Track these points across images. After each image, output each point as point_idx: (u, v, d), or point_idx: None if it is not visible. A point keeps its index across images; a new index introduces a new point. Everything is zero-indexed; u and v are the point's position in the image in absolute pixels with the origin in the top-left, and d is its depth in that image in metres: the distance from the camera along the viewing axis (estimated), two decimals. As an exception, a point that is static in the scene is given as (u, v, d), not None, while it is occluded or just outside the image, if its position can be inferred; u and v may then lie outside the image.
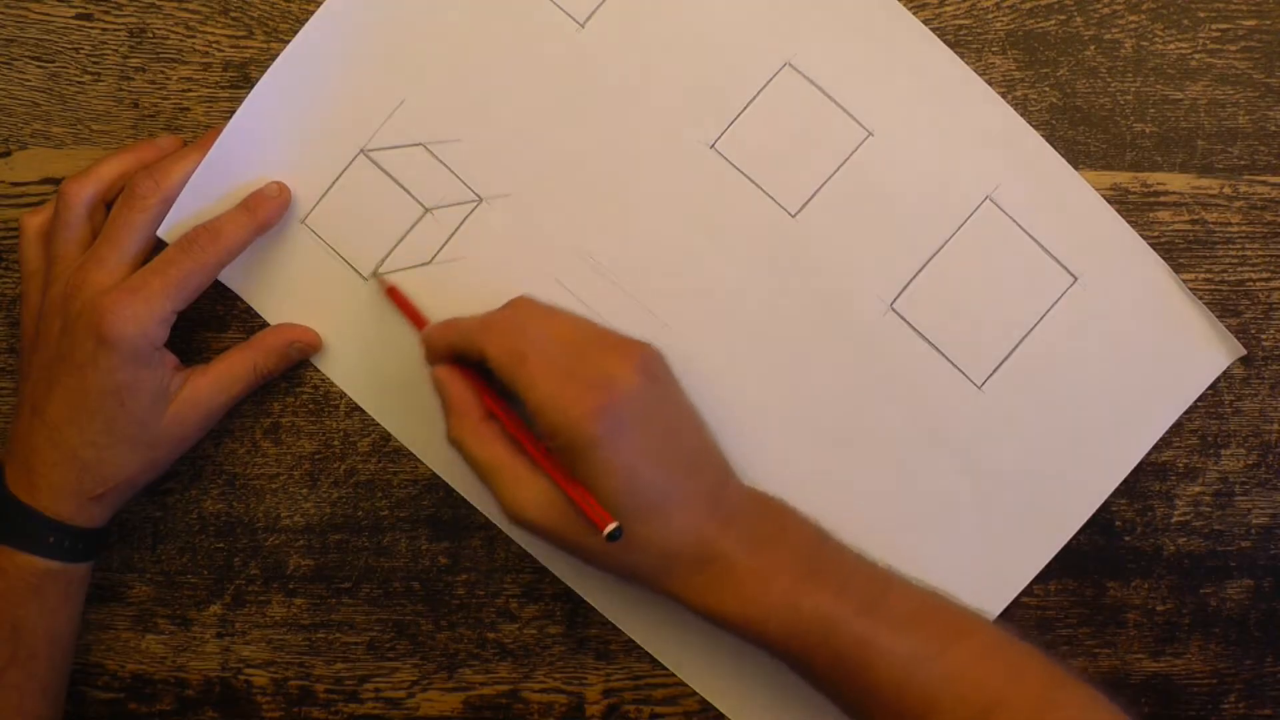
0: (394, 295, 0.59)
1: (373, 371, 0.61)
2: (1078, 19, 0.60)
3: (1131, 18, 0.60)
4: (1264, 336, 0.61)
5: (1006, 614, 0.61)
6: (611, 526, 0.51)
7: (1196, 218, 0.60)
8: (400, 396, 0.61)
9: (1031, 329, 0.60)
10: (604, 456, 0.52)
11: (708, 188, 0.60)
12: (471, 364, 0.55)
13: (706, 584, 0.54)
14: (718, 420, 0.58)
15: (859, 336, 0.60)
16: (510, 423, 0.54)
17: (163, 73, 0.61)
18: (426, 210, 0.60)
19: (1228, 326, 0.60)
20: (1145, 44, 0.60)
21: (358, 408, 0.62)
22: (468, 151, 0.60)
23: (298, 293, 0.61)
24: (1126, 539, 0.61)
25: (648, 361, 0.55)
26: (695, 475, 0.54)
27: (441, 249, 0.60)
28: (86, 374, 0.55)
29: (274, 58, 0.58)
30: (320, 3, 0.59)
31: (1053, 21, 0.60)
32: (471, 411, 0.55)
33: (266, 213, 0.58)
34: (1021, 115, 0.60)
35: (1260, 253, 0.61)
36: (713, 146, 0.60)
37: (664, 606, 0.60)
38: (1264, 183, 0.60)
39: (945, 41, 0.59)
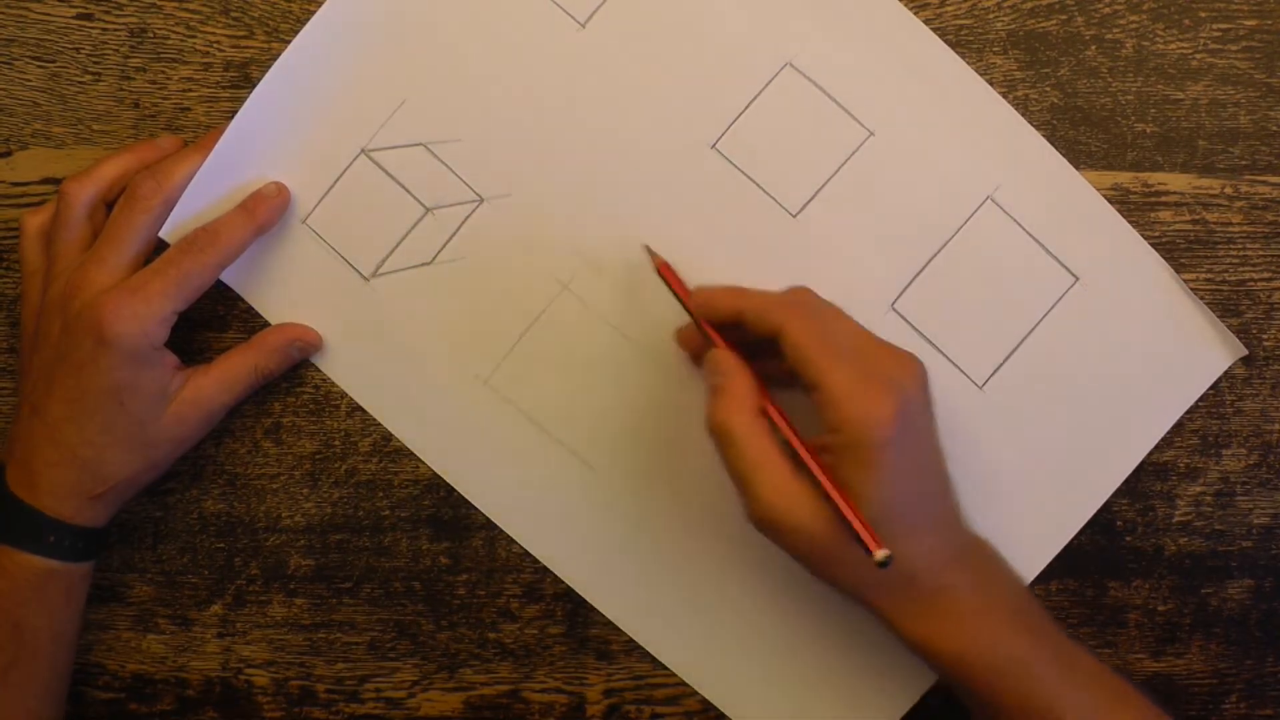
0: (665, 271, 0.57)
1: (373, 371, 0.61)
2: (1078, 19, 0.60)
3: (1132, 18, 0.60)
4: (1265, 336, 0.61)
5: (1007, 614, 0.61)
6: (883, 554, 0.48)
7: (1197, 218, 0.60)
8: (401, 396, 0.61)
9: (1032, 329, 0.60)
10: (889, 461, 0.50)
11: (708, 187, 0.60)
12: (746, 348, 0.53)
13: (924, 613, 0.52)
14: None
15: (860, 336, 0.60)
16: (787, 426, 0.52)
17: (163, 73, 0.61)
18: (427, 210, 0.60)
19: (1229, 326, 0.60)
20: (1146, 44, 0.60)
21: (358, 407, 0.62)
22: (468, 151, 0.60)
23: (299, 292, 0.61)
24: (1127, 539, 0.61)
25: (924, 376, 0.53)
26: (944, 501, 0.53)
27: (442, 249, 0.60)
28: (86, 373, 0.55)
29: (275, 58, 0.58)
30: (321, 3, 0.59)
31: (1053, 21, 0.60)
32: (749, 399, 0.52)
33: (266, 213, 0.58)
34: (1022, 115, 0.60)
35: (1261, 253, 0.61)
36: (713, 146, 0.60)
37: (664, 607, 0.61)
38: (1265, 183, 0.60)
39: (946, 41, 0.59)
